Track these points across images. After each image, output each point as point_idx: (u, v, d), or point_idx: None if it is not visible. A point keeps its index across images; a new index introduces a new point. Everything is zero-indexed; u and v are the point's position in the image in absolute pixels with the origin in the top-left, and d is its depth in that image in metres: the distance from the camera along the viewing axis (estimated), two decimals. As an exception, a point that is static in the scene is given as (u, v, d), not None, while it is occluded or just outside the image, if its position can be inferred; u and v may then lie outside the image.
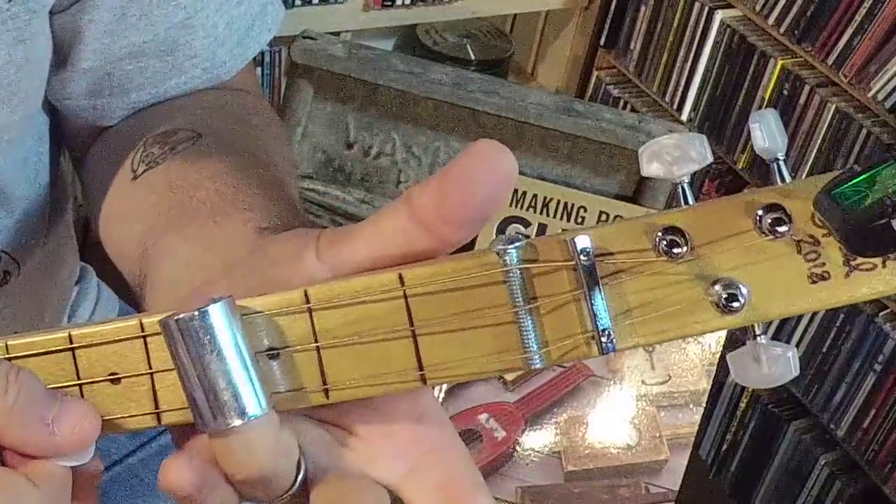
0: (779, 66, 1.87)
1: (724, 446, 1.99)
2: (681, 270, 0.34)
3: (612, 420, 1.06)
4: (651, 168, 0.36)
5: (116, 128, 0.59)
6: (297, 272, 0.36)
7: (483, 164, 0.33)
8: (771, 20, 1.87)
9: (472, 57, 2.21)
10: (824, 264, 0.34)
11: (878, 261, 0.34)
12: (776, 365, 0.35)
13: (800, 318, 1.84)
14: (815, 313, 1.81)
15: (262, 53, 1.97)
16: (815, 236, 0.34)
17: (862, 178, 0.33)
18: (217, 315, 0.33)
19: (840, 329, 1.78)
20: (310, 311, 0.35)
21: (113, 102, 0.58)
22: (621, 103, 2.19)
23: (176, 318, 0.33)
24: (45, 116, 0.62)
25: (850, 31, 1.75)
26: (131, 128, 0.57)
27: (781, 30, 1.86)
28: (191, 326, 0.33)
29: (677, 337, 0.35)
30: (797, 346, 1.85)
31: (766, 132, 0.35)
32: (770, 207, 0.34)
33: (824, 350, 1.81)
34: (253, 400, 0.34)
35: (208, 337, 0.33)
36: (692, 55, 2.04)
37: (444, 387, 1.06)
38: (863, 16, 1.73)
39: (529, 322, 0.34)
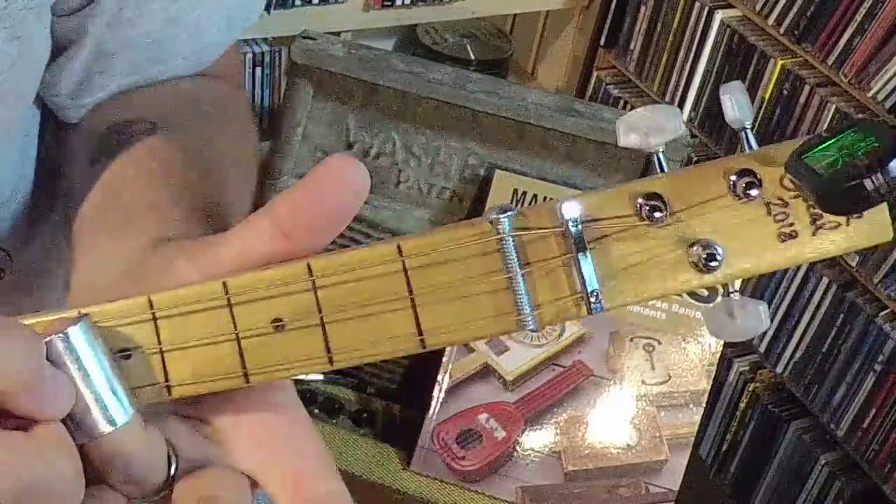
0: (779, 66, 1.87)
1: (724, 446, 1.99)
2: (662, 234, 0.37)
3: (612, 420, 1.06)
4: (628, 139, 0.38)
5: (89, 120, 0.60)
6: (170, 278, 0.39)
7: (334, 176, 0.36)
8: (771, 20, 1.87)
9: (472, 57, 2.21)
10: (793, 224, 0.37)
11: (842, 219, 0.37)
12: (748, 318, 0.37)
13: (800, 317, 1.84)
14: (815, 313, 1.82)
15: (262, 53, 1.97)
16: (783, 198, 0.37)
17: (830, 142, 0.35)
18: (76, 336, 0.35)
19: (840, 329, 1.78)
20: (313, 282, 0.37)
21: (100, 91, 0.59)
22: (621, 103, 2.19)
23: (46, 340, 0.35)
24: (36, 112, 0.62)
25: (850, 31, 1.75)
26: (101, 116, 0.58)
27: (781, 30, 1.86)
28: (56, 350, 0.35)
29: (661, 296, 0.37)
30: (797, 346, 1.85)
31: (735, 103, 0.38)
32: (742, 172, 0.37)
33: (824, 350, 1.81)
34: (119, 408, 0.36)
35: (72, 357, 0.35)
36: (692, 55, 2.04)
37: (445, 386, 1.06)
38: (863, 16, 1.73)
39: (523, 286, 0.36)
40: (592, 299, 0.36)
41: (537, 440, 1.05)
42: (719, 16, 1.97)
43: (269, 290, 0.37)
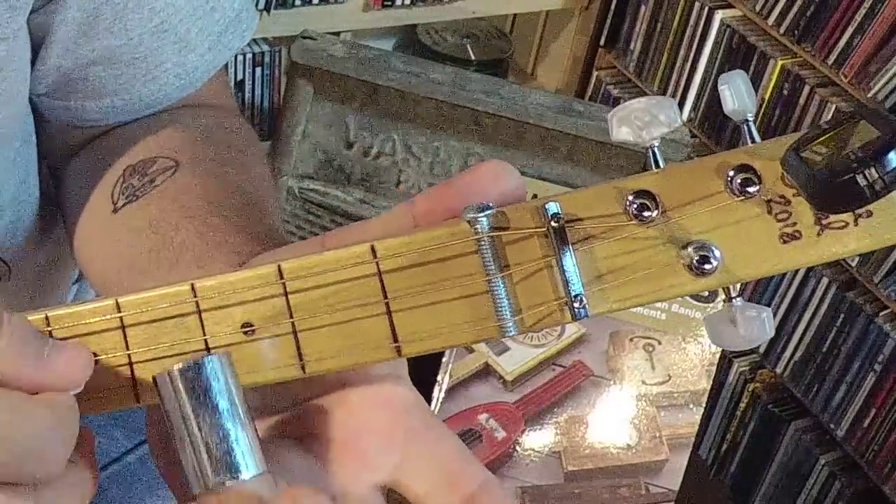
0: (779, 66, 1.87)
1: (724, 446, 1.99)
2: (652, 234, 0.34)
3: (612, 420, 1.06)
4: (621, 133, 0.36)
5: (95, 147, 0.60)
6: None
7: (483, 180, 0.34)
8: (771, 20, 1.87)
9: (472, 57, 2.21)
10: (795, 224, 0.34)
11: (850, 218, 0.34)
12: (752, 326, 0.35)
13: (800, 317, 1.84)
14: (815, 313, 1.81)
15: (262, 53, 1.97)
16: (785, 196, 0.34)
17: (828, 135, 0.32)
18: (217, 366, 0.32)
19: (840, 329, 1.78)
20: (284, 285, 0.35)
21: (87, 105, 0.59)
22: (621, 103, 2.19)
23: (176, 368, 0.32)
24: (31, 117, 0.62)
25: (850, 31, 1.75)
26: (110, 149, 0.58)
27: (781, 30, 1.86)
28: (190, 378, 0.32)
29: (651, 301, 0.35)
30: (797, 346, 1.85)
31: (734, 93, 0.35)
32: (740, 168, 0.34)
33: (824, 350, 1.81)
34: (250, 459, 0.32)
35: (207, 390, 0.32)
36: (692, 55, 2.04)
37: (445, 386, 1.05)
38: (863, 16, 1.73)
39: (502, 290, 0.34)
40: (576, 304, 0.34)
41: (537, 440, 1.05)
42: (719, 16, 1.97)
43: (237, 294, 0.35)
